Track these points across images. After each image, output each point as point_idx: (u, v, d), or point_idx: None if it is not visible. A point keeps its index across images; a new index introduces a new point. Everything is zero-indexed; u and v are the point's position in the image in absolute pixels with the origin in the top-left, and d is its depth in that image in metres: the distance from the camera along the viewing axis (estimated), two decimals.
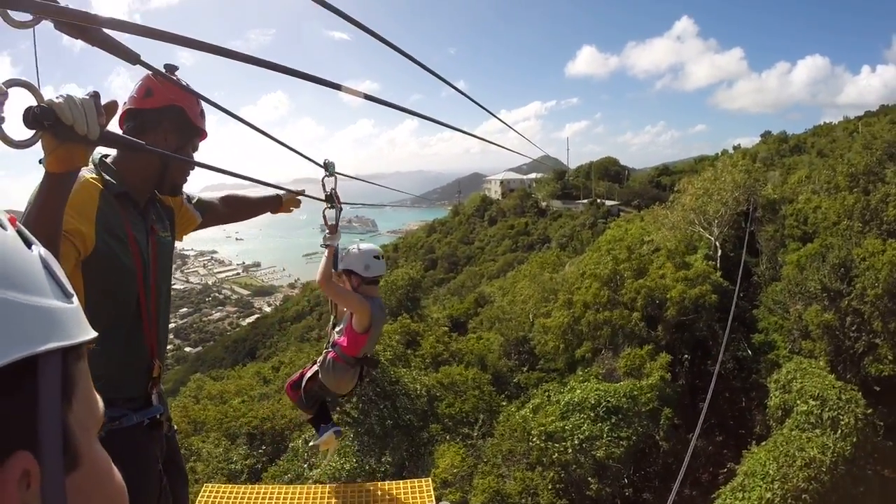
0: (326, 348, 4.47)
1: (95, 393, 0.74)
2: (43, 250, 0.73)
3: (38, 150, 1.51)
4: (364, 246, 4.43)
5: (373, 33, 2.17)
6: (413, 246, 77.75)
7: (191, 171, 2.70)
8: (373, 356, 4.65)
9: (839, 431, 17.11)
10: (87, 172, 2.33)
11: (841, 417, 17.36)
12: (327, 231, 4.05)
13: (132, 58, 1.93)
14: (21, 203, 1.84)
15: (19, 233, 0.72)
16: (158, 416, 2.57)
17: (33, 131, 1.43)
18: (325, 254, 4.12)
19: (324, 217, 4.01)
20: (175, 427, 2.85)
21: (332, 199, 3.96)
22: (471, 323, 32.90)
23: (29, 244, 0.72)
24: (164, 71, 2.25)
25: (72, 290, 0.72)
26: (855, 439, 17.05)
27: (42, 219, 1.63)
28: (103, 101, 1.57)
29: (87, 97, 1.49)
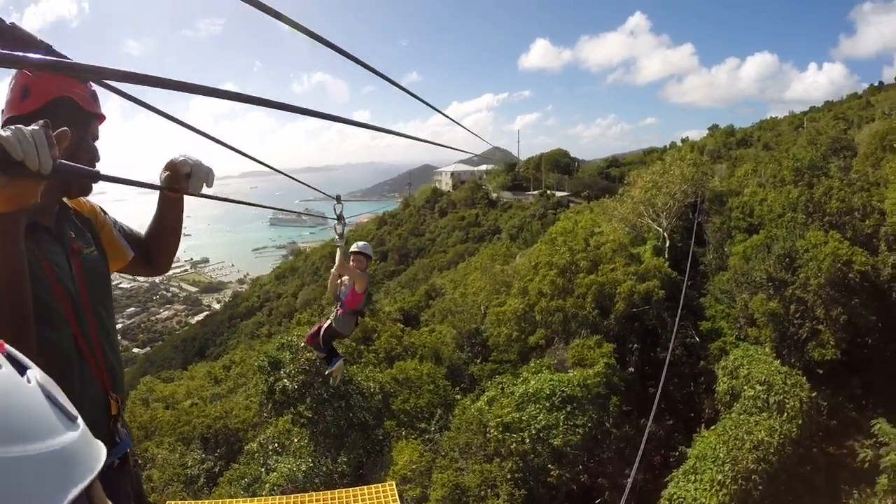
0: (336, 309, 6.62)
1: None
2: (39, 374, 0.70)
3: None
4: (363, 243, 7.05)
5: (313, 34, 2.07)
6: (363, 238, 77.38)
7: (97, 161, 2.37)
8: (361, 308, 6.73)
9: (785, 414, 17.69)
10: None
11: (786, 401, 17.94)
12: (339, 241, 6.07)
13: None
14: None
15: (9, 357, 0.67)
16: (128, 451, 2.40)
17: None
18: (339, 253, 6.29)
19: (335, 231, 5.87)
20: (137, 458, 2.66)
21: (341, 217, 5.69)
22: (423, 315, 32.87)
23: (23, 370, 0.68)
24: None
25: (74, 410, 0.68)
26: (800, 421, 17.66)
27: (5, 269, 1.55)
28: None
29: (38, 127, 1.39)
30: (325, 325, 6.85)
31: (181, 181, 2.47)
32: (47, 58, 1.16)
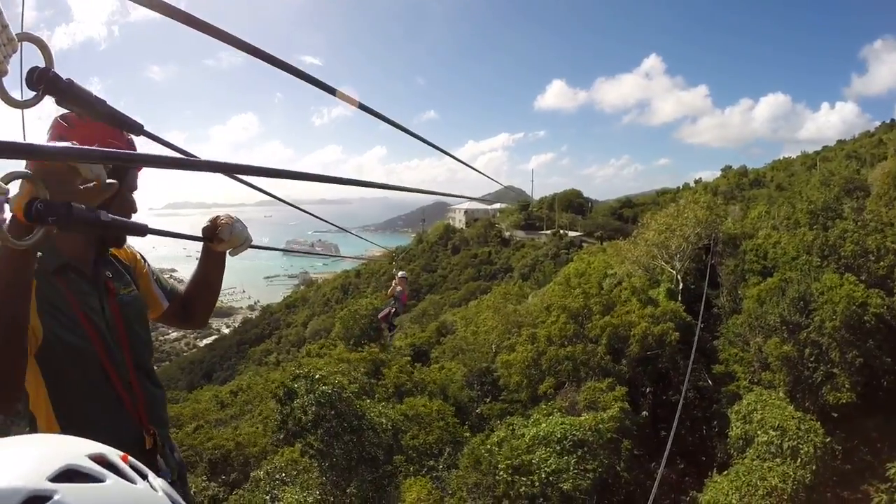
0: (394, 303, 16.34)
1: None
2: (159, 481, 0.73)
3: None
4: (403, 272, 14.91)
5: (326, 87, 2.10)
6: (375, 272, 77.33)
7: (134, 213, 2.35)
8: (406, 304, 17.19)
9: (799, 460, 17.54)
10: None
11: (801, 447, 17.80)
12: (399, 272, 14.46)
13: (136, 128, 1.85)
14: None
15: (133, 468, 0.71)
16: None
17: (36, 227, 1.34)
18: (397, 278, 15.40)
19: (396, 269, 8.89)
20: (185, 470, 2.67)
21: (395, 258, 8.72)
22: (433, 352, 32.75)
23: (144, 476, 0.71)
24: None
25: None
26: (814, 467, 17.53)
27: (11, 305, 1.53)
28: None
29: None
30: (392, 312, 16.75)
31: (216, 239, 2.51)
32: (77, 148, 1.16)
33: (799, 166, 59.69)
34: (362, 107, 2.21)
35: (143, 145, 2.33)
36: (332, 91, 2.03)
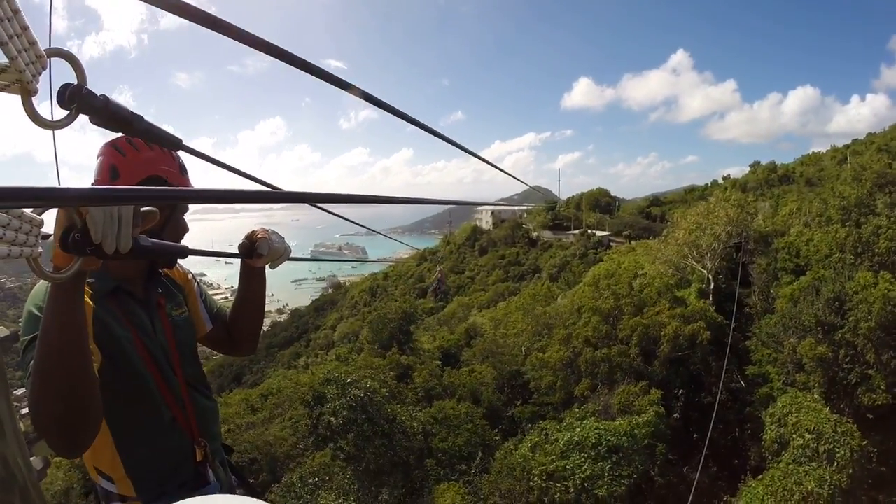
0: (436, 284, 56.67)
1: None
2: None
3: None
4: (441, 266, 18.60)
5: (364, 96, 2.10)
6: (403, 275, 77.39)
7: (184, 236, 2.40)
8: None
9: (835, 464, 17.31)
10: None
11: (837, 450, 17.54)
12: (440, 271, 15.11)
13: (175, 144, 1.85)
14: None
15: None
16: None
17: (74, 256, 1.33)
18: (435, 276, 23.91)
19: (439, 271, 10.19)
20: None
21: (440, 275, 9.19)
22: (463, 355, 32.68)
23: None
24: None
25: None
26: (851, 470, 17.28)
27: (69, 339, 1.51)
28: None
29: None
30: (438, 287, 59.90)
31: (254, 255, 2.55)
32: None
33: (829, 160, 58.69)
34: (374, 100, 2.16)
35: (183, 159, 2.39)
36: (345, 86, 1.99)
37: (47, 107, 1.42)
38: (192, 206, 2.46)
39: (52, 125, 1.35)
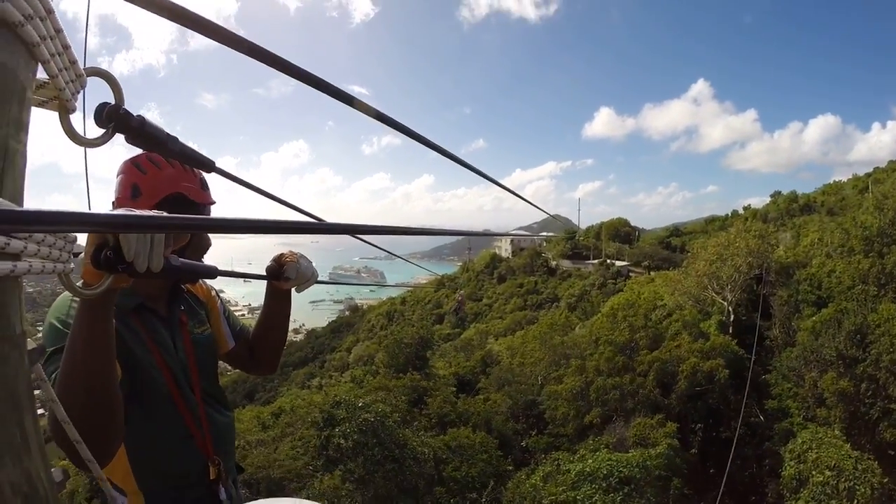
0: (458, 305, 60.48)
1: None
2: None
3: None
4: (462, 291, 19.45)
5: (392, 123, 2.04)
6: (420, 300, 77.47)
7: (207, 250, 2.40)
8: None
9: (855, 502, 17.06)
10: None
11: (857, 488, 17.28)
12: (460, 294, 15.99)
13: (207, 165, 1.85)
14: None
15: None
16: None
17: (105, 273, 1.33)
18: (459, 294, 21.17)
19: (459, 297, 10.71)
20: None
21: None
22: (479, 382, 32.53)
23: None
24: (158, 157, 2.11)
25: None
26: None
27: (96, 355, 1.50)
28: None
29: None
30: (458, 308, 62.89)
31: (282, 278, 2.54)
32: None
33: (850, 189, 58.14)
34: (380, 116, 2.13)
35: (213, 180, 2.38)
36: (349, 101, 1.96)
37: (83, 122, 1.48)
38: (212, 241, 2.45)
39: (89, 143, 1.36)
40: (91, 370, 1.52)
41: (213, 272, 1.82)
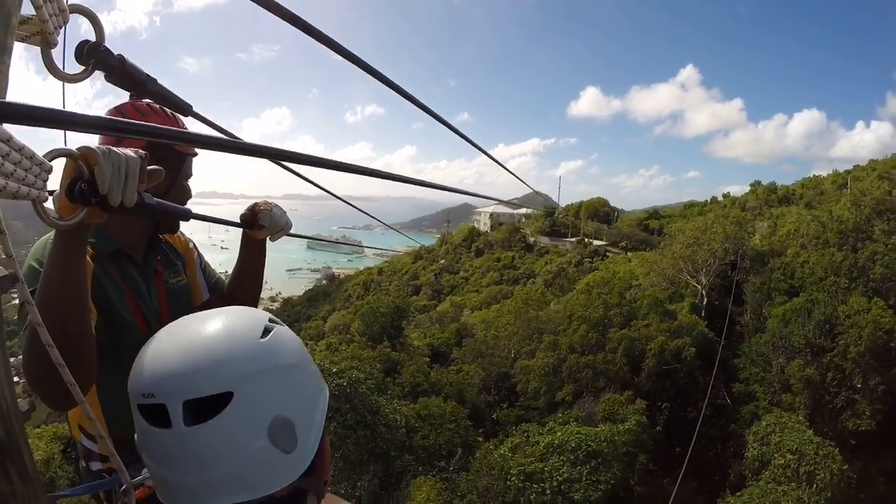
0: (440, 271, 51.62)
1: None
2: None
3: None
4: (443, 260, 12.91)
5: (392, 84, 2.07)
6: (398, 271, 77.32)
7: (189, 199, 2.39)
8: None
9: (815, 486, 17.43)
10: None
11: (817, 472, 17.67)
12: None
13: (184, 109, 1.91)
14: None
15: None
16: None
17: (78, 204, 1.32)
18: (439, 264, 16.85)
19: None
20: None
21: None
22: (452, 353, 32.66)
23: None
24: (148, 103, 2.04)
25: None
26: (829, 494, 17.37)
27: (69, 288, 1.51)
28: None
29: (135, 156, 1.35)
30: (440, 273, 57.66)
31: (255, 226, 2.50)
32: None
33: (829, 185, 58.62)
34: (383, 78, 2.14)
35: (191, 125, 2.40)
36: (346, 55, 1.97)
37: (63, 59, 1.45)
38: (192, 193, 2.43)
39: (69, 78, 1.38)
40: (64, 302, 1.53)
41: (187, 214, 1.85)
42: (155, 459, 1.11)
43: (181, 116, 2.24)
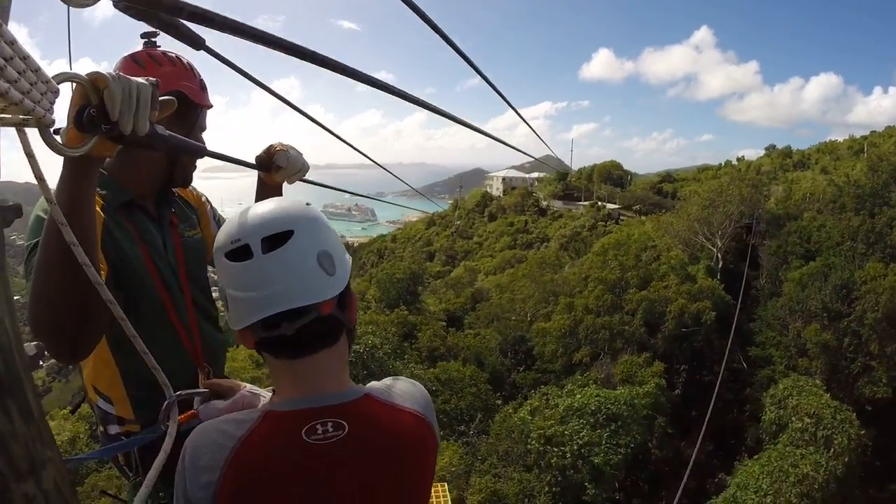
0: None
1: None
2: None
3: None
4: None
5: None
6: (411, 238, 77.22)
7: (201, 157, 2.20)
8: None
9: (832, 450, 17.37)
10: None
11: (835, 437, 17.62)
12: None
13: (198, 42, 1.87)
14: None
15: None
16: None
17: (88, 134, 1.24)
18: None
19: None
20: None
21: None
22: (467, 318, 32.79)
23: None
24: (155, 45, 2.04)
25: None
26: (847, 459, 17.29)
27: (76, 226, 1.33)
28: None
29: (146, 83, 1.28)
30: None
31: (273, 168, 2.42)
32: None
33: (845, 150, 57.95)
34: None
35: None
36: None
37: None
38: (202, 166, 2.41)
39: (79, 2, 1.34)
40: (75, 231, 1.35)
41: (202, 150, 1.83)
42: (238, 287, 1.37)
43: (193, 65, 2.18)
